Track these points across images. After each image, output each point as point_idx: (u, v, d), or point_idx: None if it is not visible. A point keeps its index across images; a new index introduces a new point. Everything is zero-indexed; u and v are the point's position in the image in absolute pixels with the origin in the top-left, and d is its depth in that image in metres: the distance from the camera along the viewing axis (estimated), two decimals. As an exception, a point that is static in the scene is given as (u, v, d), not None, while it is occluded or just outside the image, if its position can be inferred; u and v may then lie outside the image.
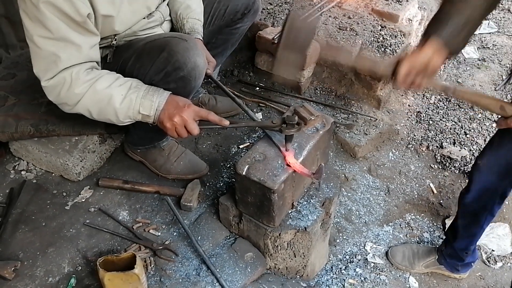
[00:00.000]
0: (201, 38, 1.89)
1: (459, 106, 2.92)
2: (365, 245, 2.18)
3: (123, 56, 1.68)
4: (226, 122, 1.49)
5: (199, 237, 1.80)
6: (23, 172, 2.01)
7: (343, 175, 2.41)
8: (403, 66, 1.30)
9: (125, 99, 1.49)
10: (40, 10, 1.37)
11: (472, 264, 2.06)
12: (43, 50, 1.44)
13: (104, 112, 1.52)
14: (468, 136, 2.71)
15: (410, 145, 2.66)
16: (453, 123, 2.80)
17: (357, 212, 2.31)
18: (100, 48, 1.68)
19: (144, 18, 1.72)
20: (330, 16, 2.82)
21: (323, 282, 1.99)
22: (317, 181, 1.58)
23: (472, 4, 1.27)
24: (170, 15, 1.92)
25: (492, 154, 1.67)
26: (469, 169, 2.49)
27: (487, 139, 2.64)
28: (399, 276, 2.11)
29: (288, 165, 1.55)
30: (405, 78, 1.31)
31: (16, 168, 2.03)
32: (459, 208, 1.89)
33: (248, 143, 2.30)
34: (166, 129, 1.50)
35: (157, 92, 1.50)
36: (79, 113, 1.56)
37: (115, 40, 1.66)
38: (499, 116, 1.37)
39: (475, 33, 3.60)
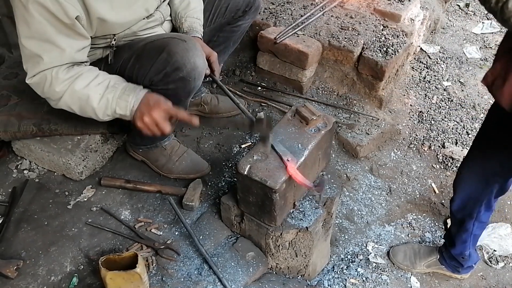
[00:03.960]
0: (200, 37, 1.88)
1: (461, 106, 2.92)
2: (366, 245, 2.18)
3: (123, 57, 1.69)
4: (196, 122, 1.51)
5: (201, 237, 1.80)
6: (25, 171, 2.02)
7: (345, 175, 2.41)
8: None
9: (102, 99, 1.51)
10: (29, 10, 1.38)
11: (474, 265, 2.06)
12: (28, 50, 1.47)
13: (84, 110, 1.55)
14: (470, 136, 2.71)
15: (412, 145, 2.66)
16: (455, 123, 2.80)
17: (359, 212, 2.31)
18: (99, 48, 1.68)
19: (143, 18, 1.72)
20: (332, 16, 2.82)
21: (324, 282, 1.99)
22: (318, 193, 1.57)
23: None
24: (170, 14, 1.92)
25: (471, 164, 1.69)
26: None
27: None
28: (401, 276, 2.11)
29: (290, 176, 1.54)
30: None
31: (18, 167, 2.03)
32: (450, 216, 1.92)
33: (250, 143, 2.30)
34: (139, 129, 1.52)
35: (133, 91, 1.52)
36: (63, 108, 1.58)
37: (114, 40, 1.66)
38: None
39: (477, 33, 3.62)
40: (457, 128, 2.76)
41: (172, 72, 1.60)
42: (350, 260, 2.11)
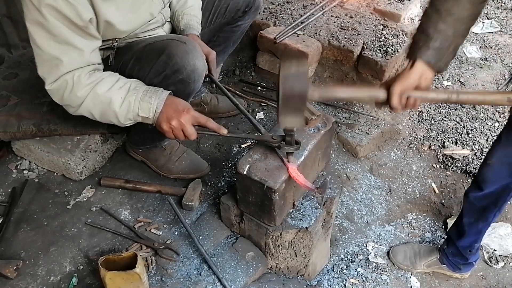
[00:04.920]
0: (197, 34, 1.88)
1: (461, 105, 2.92)
2: (366, 245, 2.18)
3: (123, 58, 1.68)
4: (224, 131, 1.50)
5: (200, 237, 1.80)
6: (25, 172, 2.02)
7: (344, 175, 2.41)
8: (395, 89, 1.29)
9: (124, 102, 1.49)
10: (43, 13, 1.37)
11: (474, 263, 2.06)
12: (46, 53, 1.44)
13: (105, 114, 1.53)
14: (470, 135, 2.70)
15: (412, 145, 2.65)
16: (455, 122, 2.80)
17: (359, 212, 2.31)
18: (101, 49, 1.68)
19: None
20: (332, 16, 2.82)
21: (324, 282, 1.99)
22: (321, 195, 1.56)
23: (454, 23, 1.25)
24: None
25: (501, 151, 1.66)
26: (471, 169, 2.49)
27: (489, 139, 2.63)
28: (401, 275, 2.11)
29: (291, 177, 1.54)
30: (399, 100, 1.30)
31: (18, 167, 2.04)
32: (464, 206, 1.89)
33: (250, 143, 2.30)
34: (163, 131, 1.50)
35: (156, 93, 1.50)
36: (83, 115, 1.56)
37: (116, 42, 1.66)
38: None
39: (477, 32, 3.61)
40: (457, 127, 2.76)
41: (171, 74, 1.59)
42: (350, 260, 2.11)
